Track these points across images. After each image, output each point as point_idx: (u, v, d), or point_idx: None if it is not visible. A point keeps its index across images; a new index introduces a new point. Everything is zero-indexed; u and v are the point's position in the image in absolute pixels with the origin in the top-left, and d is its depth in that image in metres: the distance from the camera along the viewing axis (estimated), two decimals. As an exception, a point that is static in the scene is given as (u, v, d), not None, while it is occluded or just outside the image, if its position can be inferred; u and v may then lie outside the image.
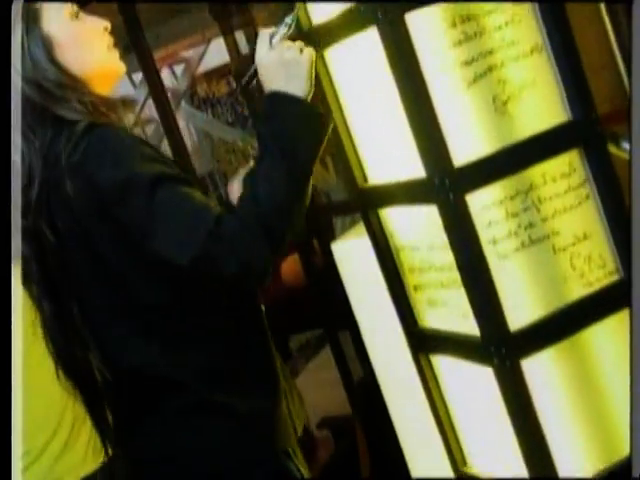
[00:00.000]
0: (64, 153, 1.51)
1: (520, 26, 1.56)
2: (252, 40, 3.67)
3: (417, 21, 1.50)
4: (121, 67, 1.71)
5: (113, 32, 1.71)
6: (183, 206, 1.50)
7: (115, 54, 1.69)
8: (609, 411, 1.61)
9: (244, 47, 3.90)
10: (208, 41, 6.20)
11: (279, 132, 1.55)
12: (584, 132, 1.57)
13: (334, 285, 2.40)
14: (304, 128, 1.57)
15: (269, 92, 1.59)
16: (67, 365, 1.66)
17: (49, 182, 1.54)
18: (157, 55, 4.55)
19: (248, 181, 1.55)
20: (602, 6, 2.85)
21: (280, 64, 1.58)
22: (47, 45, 1.58)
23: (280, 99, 1.58)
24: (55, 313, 1.61)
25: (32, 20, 1.57)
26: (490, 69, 1.53)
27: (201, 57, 6.72)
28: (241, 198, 1.54)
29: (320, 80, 1.70)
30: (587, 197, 1.57)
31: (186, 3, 4.44)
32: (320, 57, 1.69)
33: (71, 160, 1.51)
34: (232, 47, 3.87)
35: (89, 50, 1.64)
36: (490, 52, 1.53)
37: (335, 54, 1.67)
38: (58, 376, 1.66)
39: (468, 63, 1.52)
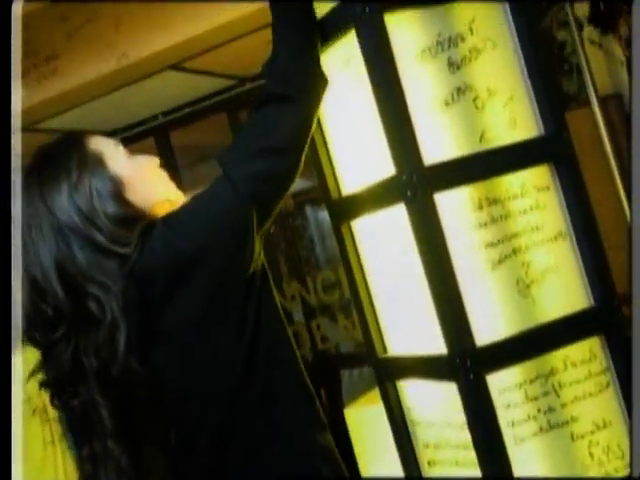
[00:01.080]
0: (131, 259, 1.50)
1: (545, 212, 1.60)
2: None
3: (444, 201, 1.54)
4: (180, 196, 1.73)
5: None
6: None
7: (173, 186, 1.73)
8: None
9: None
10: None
11: (294, 23, 1.64)
12: (605, 319, 1.58)
13: (339, 438, 2.36)
14: (309, 11, 1.66)
15: None
16: None
17: (137, 315, 1.51)
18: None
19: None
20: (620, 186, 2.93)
21: None
22: (117, 184, 1.58)
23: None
24: (132, 461, 1.54)
25: (98, 163, 1.59)
26: (515, 252, 1.56)
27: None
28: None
29: (346, 249, 1.74)
30: (607, 385, 1.57)
31: None
32: (347, 227, 1.73)
33: (144, 263, 1.51)
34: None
35: (153, 185, 1.66)
36: (515, 235, 1.56)
37: (362, 226, 1.71)
38: None
39: (493, 245, 1.55)
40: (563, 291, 1.59)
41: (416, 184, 1.52)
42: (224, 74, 3.67)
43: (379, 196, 1.62)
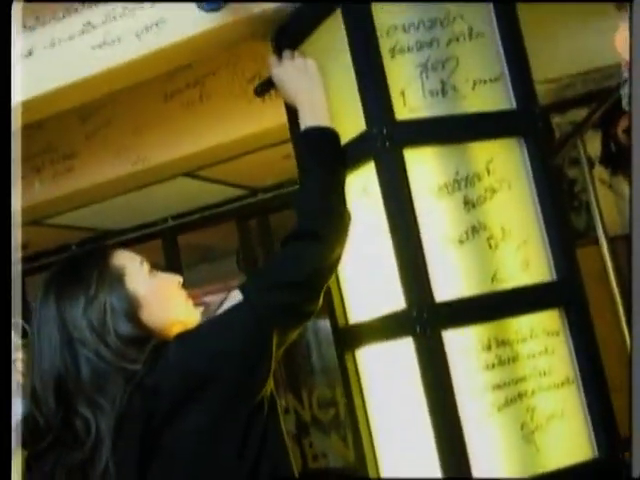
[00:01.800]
0: (139, 373, 1.48)
1: (553, 357, 1.59)
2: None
3: (453, 339, 1.53)
4: (196, 316, 1.70)
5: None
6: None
7: (190, 305, 1.70)
8: None
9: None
10: (229, 290, 6.34)
11: (324, 160, 1.69)
12: (611, 473, 1.55)
13: None
14: (338, 149, 1.72)
15: (308, 128, 1.73)
16: None
17: (138, 429, 1.48)
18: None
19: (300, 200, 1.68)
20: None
21: (295, 71, 1.79)
22: (133, 304, 1.57)
23: (318, 134, 1.72)
24: None
25: (117, 279, 1.57)
26: (520, 396, 1.54)
27: (220, 304, 6.83)
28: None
29: (349, 378, 1.72)
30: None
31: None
32: (352, 356, 1.72)
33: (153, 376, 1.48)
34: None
35: (171, 306, 1.64)
36: (522, 379, 1.55)
37: (367, 355, 1.69)
38: None
39: (500, 387, 1.53)
40: (567, 439, 1.57)
41: (425, 321, 1.51)
42: (237, 184, 3.71)
43: (387, 328, 1.61)
